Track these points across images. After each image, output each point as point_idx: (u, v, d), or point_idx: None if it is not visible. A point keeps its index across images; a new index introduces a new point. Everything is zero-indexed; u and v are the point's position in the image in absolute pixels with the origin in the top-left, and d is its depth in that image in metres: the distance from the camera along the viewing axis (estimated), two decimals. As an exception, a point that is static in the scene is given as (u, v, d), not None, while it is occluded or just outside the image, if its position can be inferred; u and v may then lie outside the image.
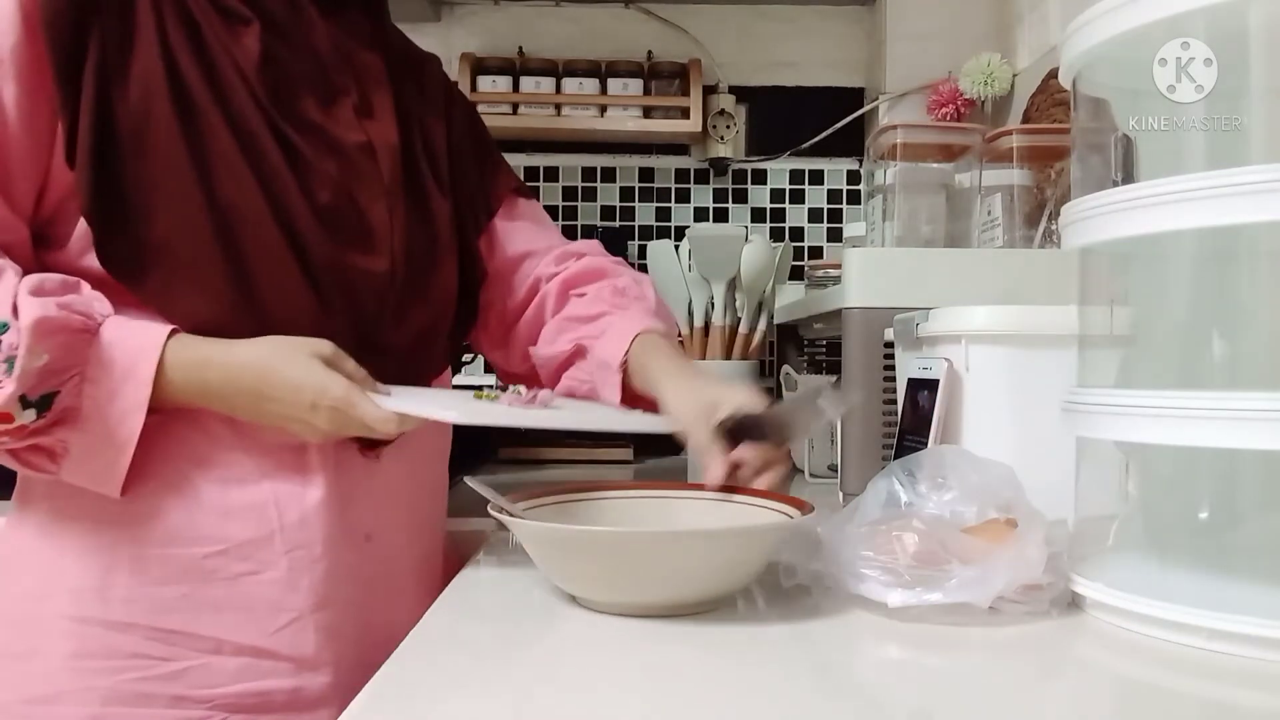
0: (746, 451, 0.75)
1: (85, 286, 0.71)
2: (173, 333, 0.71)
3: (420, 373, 0.88)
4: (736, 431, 0.75)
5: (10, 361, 0.65)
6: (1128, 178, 0.65)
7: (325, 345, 0.73)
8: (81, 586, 0.73)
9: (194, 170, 0.73)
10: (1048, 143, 1.24)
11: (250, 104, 0.76)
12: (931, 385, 0.84)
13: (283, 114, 0.78)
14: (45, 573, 0.74)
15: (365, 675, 0.54)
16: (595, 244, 1.03)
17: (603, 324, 0.92)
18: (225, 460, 0.75)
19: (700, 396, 0.78)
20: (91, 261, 0.72)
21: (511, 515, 0.70)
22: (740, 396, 0.77)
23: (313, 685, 0.76)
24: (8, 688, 0.72)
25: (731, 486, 0.76)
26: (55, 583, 0.73)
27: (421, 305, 0.86)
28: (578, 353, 0.93)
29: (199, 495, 0.74)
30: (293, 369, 0.71)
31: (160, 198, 0.72)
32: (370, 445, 0.80)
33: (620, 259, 1.03)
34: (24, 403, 0.66)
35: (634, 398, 0.87)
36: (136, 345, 0.70)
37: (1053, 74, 1.42)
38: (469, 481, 0.75)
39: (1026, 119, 1.52)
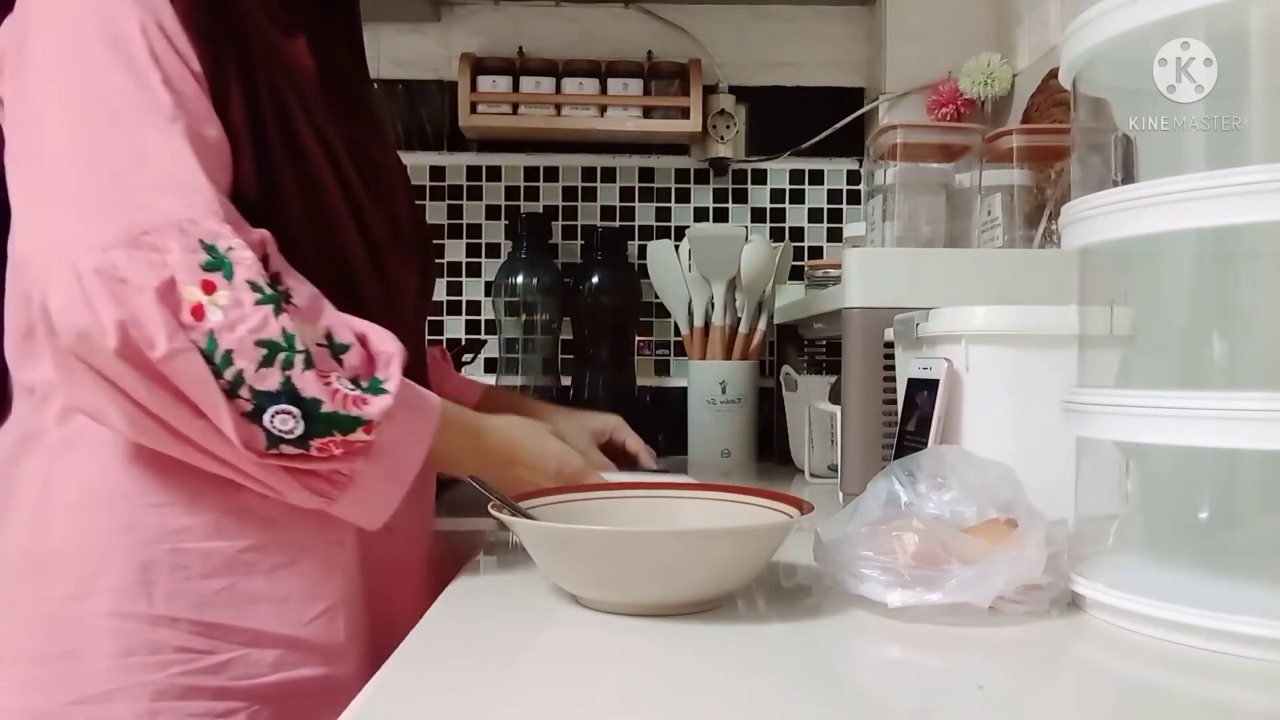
0: None
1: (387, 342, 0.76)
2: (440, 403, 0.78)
3: (419, 367, 0.91)
4: None
5: (375, 380, 0.70)
6: (1128, 178, 0.65)
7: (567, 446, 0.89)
8: (123, 584, 0.72)
9: (306, 206, 0.77)
10: (1048, 143, 1.24)
11: (328, 122, 0.80)
12: (931, 385, 0.84)
13: (346, 130, 0.82)
14: (84, 573, 0.72)
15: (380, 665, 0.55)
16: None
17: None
18: None
19: (580, 422, 1.08)
20: None
21: (512, 514, 0.70)
22: (610, 420, 1.12)
23: (342, 673, 0.77)
24: (54, 691, 0.71)
25: (732, 487, 0.76)
26: (95, 582, 0.72)
27: (427, 299, 0.96)
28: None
29: (239, 491, 0.73)
30: (545, 443, 0.86)
31: (283, 231, 0.74)
32: None
33: None
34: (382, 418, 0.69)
35: None
36: (428, 392, 0.76)
37: (1053, 74, 1.42)
38: (471, 480, 0.75)
39: (1026, 119, 1.52)
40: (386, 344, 0.73)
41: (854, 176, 1.88)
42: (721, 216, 1.87)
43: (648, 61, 1.80)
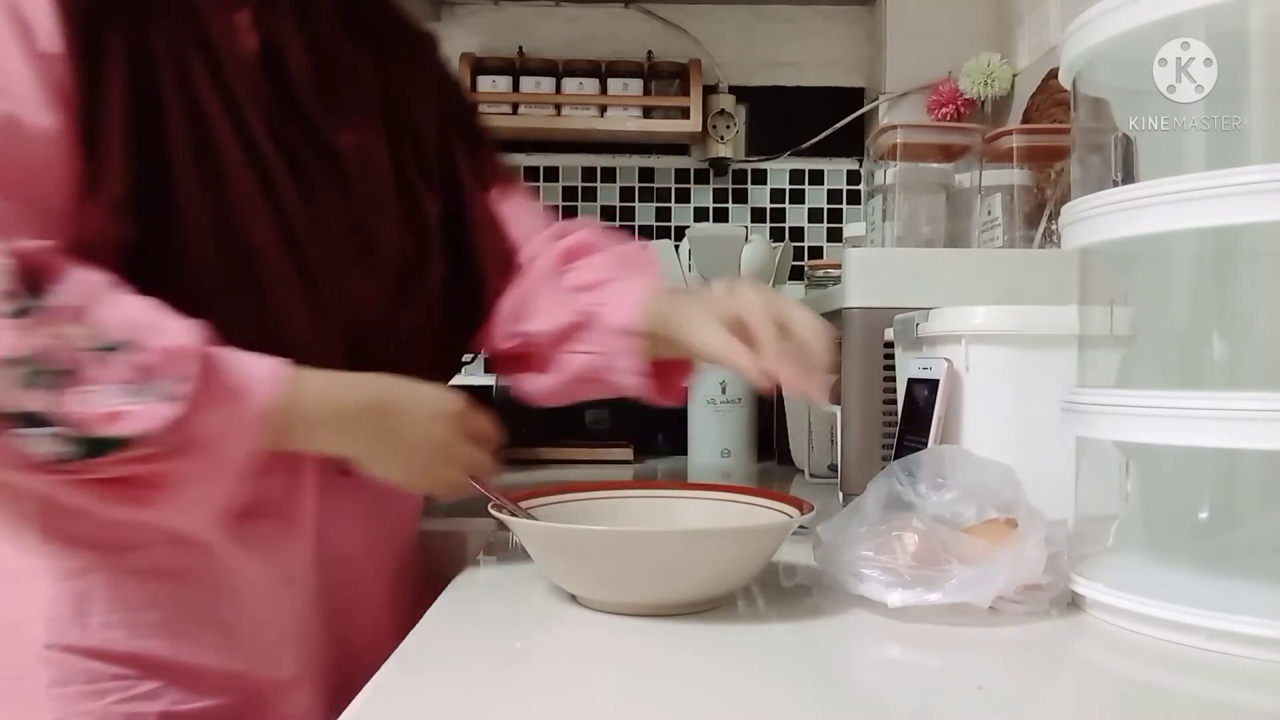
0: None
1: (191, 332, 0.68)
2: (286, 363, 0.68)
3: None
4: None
5: (144, 386, 0.61)
6: (1128, 178, 0.65)
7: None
8: (56, 614, 0.69)
9: (206, 192, 0.69)
10: (1048, 143, 1.24)
11: (252, 106, 0.72)
12: (931, 385, 0.84)
13: (283, 116, 0.74)
14: (22, 597, 0.70)
15: (344, 693, 0.53)
16: (591, 222, 0.97)
17: (609, 290, 0.85)
18: None
19: (710, 306, 0.75)
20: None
21: (513, 514, 0.70)
22: (747, 296, 0.74)
23: (292, 708, 0.75)
24: (6, 709, 0.70)
25: (732, 487, 0.76)
26: (31, 608, 0.70)
27: (409, 310, 0.82)
28: (580, 323, 0.85)
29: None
30: (415, 388, 0.73)
31: (176, 217, 0.68)
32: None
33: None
34: (153, 432, 0.61)
35: (655, 365, 0.83)
36: (255, 365, 0.66)
37: (1053, 74, 1.42)
38: (475, 480, 0.75)
39: (1026, 119, 1.52)
40: (176, 338, 0.63)
41: (854, 176, 1.88)
42: (721, 216, 1.87)
43: (648, 61, 1.80)
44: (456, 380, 0.93)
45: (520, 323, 0.89)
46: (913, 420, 0.88)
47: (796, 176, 1.88)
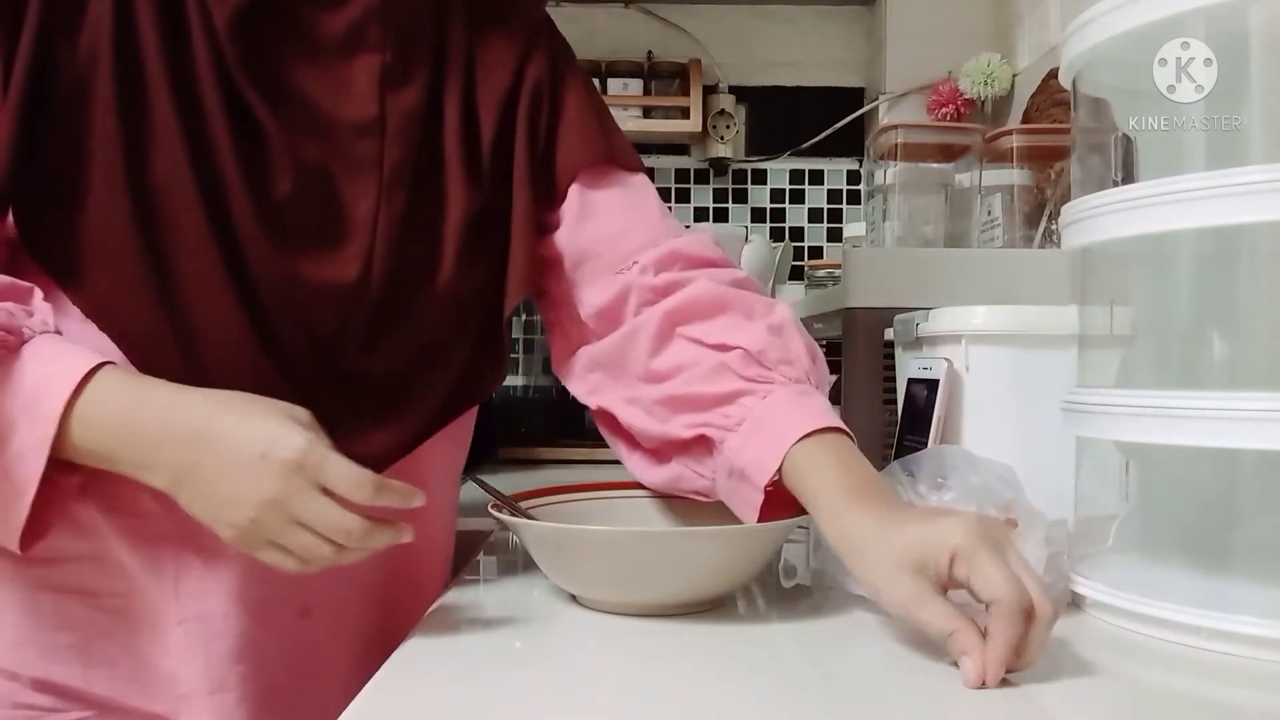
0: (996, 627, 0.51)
1: (38, 295, 0.59)
2: (102, 366, 0.57)
3: (412, 410, 0.69)
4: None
5: None
6: (1128, 178, 0.65)
7: (300, 411, 0.58)
8: None
9: (123, 145, 0.59)
10: (1048, 143, 1.24)
11: (209, 66, 0.62)
12: (931, 385, 0.84)
13: (255, 80, 0.63)
14: None
15: None
16: (705, 241, 0.76)
17: (738, 411, 0.67)
18: (136, 506, 0.62)
19: (896, 542, 0.55)
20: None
21: (514, 515, 0.70)
22: (955, 535, 0.53)
23: None
24: None
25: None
26: None
27: (407, 325, 0.68)
28: (700, 443, 0.70)
29: (104, 540, 0.63)
30: (246, 417, 0.57)
31: (92, 178, 0.59)
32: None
33: (740, 271, 0.76)
34: None
35: (777, 507, 0.65)
36: (47, 373, 0.56)
37: (1053, 74, 1.42)
38: (476, 480, 0.75)
39: (1026, 119, 1.52)
40: None
41: (854, 176, 1.88)
42: (721, 216, 1.87)
43: (648, 61, 1.80)
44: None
45: (614, 386, 0.74)
46: (913, 420, 0.88)
47: (796, 176, 1.88)
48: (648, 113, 1.77)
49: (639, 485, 0.80)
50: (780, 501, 0.65)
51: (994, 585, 0.51)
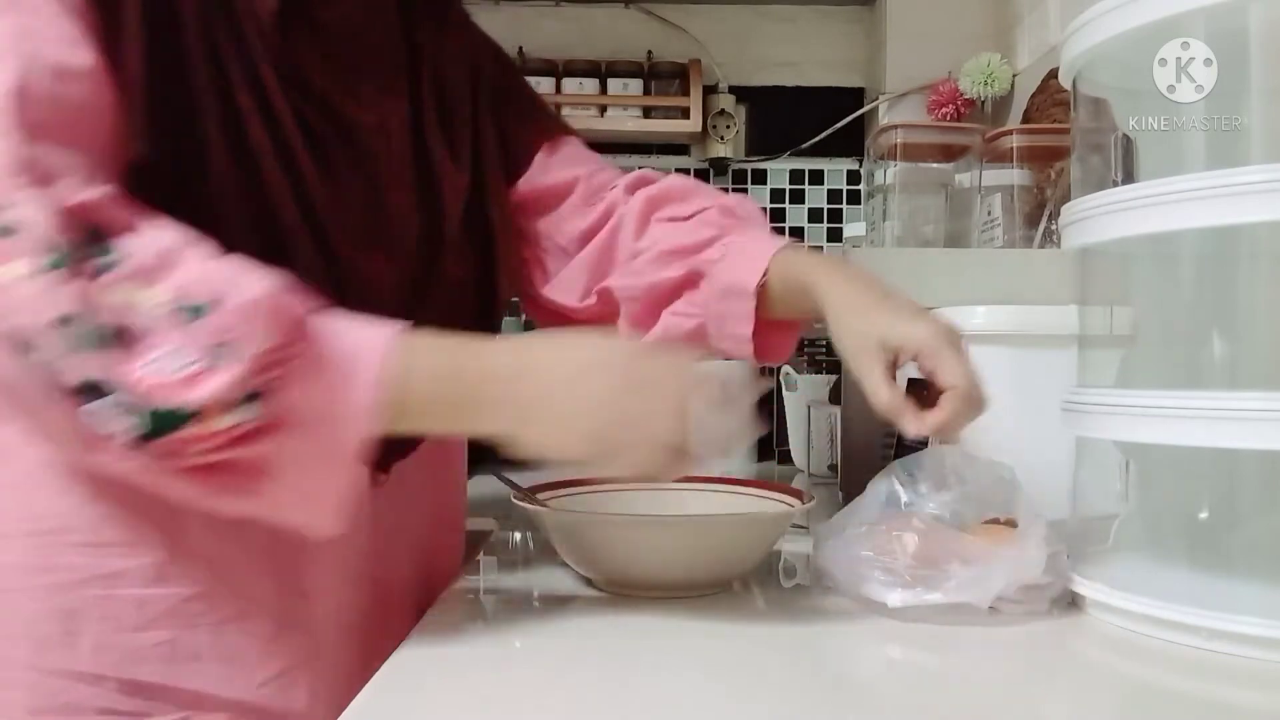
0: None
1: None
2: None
3: None
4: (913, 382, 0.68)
5: (220, 349, 0.52)
6: (1128, 178, 0.66)
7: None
8: (41, 634, 0.62)
9: (232, 156, 0.62)
10: (1048, 143, 1.24)
11: (270, 72, 0.64)
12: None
13: (301, 90, 0.66)
14: (7, 611, 0.63)
15: None
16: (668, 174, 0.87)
17: (719, 248, 0.77)
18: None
19: (872, 327, 0.68)
20: None
21: (538, 505, 0.73)
22: (919, 332, 0.66)
23: None
24: None
25: (734, 480, 0.77)
26: (10, 627, 0.62)
27: (424, 310, 0.70)
28: (688, 281, 0.77)
29: (184, 528, 0.63)
30: (553, 337, 0.61)
31: (211, 152, 0.61)
32: (383, 467, 0.68)
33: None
34: (230, 400, 0.52)
35: (767, 328, 0.75)
36: (362, 331, 0.57)
37: (1053, 74, 1.42)
38: (496, 475, 0.76)
39: (1026, 119, 1.52)
40: (261, 295, 0.53)
41: (854, 176, 1.88)
42: (721, 216, 1.87)
43: (648, 61, 1.80)
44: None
45: (604, 278, 0.80)
46: (913, 420, 0.88)
47: (796, 176, 1.88)
48: (648, 113, 1.77)
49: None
50: (771, 341, 0.77)
51: (956, 376, 0.65)
